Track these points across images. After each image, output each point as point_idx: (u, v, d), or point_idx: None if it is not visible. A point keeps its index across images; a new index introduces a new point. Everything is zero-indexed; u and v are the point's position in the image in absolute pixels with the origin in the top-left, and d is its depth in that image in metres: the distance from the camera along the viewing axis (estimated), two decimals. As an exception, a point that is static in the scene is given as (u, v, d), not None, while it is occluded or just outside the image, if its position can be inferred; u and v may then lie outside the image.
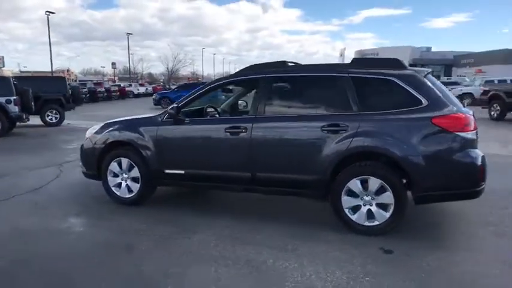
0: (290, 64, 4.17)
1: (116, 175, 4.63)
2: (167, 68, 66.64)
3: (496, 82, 20.13)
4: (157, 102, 23.38)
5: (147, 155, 4.39)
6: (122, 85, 38.96)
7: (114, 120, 4.92)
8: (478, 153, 3.44)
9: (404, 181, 3.58)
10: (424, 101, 3.50)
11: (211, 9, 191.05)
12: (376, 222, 3.62)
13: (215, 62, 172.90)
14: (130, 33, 58.63)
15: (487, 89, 15.35)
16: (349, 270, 3.00)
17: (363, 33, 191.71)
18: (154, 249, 3.42)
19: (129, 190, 4.58)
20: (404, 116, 3.52)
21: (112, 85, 37.62)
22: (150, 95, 41.43)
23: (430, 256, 3.23)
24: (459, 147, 3.39)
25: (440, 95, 3.54)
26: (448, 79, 31.66)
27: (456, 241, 3.60)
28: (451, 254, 3.29)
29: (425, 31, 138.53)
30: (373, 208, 3.62)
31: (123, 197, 4.61)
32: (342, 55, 77.51)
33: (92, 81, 39.66)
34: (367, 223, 3.65)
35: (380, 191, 3.57)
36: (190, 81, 55.29)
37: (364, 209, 3.65)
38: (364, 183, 3.61)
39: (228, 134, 4.03)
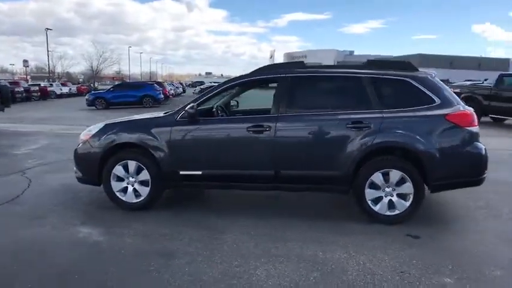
0: (309, 64, 4.31)
1: (120, 179, 4.35)
2: (91, 67, 62.49)
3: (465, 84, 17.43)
4: (90, 103, 21.86)
5: (160, 156, 4.20)
6: (42, 84, 35.63)
7: (117, 121, 4.62)
8: (482, 145, 3.90)
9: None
10: (437, 100, 3.88)
11: (134, 7, 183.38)
12: (397, 211, 3.91)
13: (140, 61, 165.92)
14: (50, 29, 53.94)
15: (458, 91, 13.74)
16: (394, 255, 3.23)
17: (288, 36, 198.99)
18: (196, 253, 3.30)
19: (137, 194, 4.34)
20: (421, 113, 3.86)
21: (31, 84, 34.24)
22: (74, 95, 38.72)
23: (450, 237, 3.61)
24: (468, 141, 3.82)
25: (448, 94, 3.96)
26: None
27: (463, 224, 4.04)
28: (464, 235, 3.71)
29: (345, 36, 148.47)
30: (394, 198, 3.91)
31: (129, 202, 4.35)
32: (272, 57, 79.52)
33: (5, 79, 35.61)
34: (388, 212, 3.92)
35: (400, 182, 3.86)
36: (123, 81, 52.66)
37: (385, 200, 3.92)
38: (386, 176, 3.88)
39: (251, 132, 4.04)
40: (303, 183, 4.10)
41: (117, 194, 4.37)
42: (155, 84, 25.35)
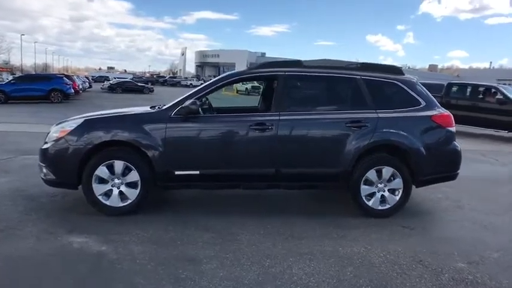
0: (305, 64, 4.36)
1: (103, 181, 3.91)
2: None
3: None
4: (-15, 96, 18.84)
5: (153, 155, 3.88)
6: None
7: (100, 116, 4.13)
8: (458, 144, 4.40)
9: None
10: (422, 102, 4.28)
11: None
12: (388, 206, 4.20)
13: (35, 51, 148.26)
14: None
15: None
16: (404, 246, 3.48)
17: (196, 34, 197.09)
18: (220, 257, 3.14)
19: (123, 198, 3.94)
20: (410, 114, 4.22)
21: None
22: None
23: (438, 227, 4.04)
24: (449, 139, 4.30)
25: (430, 98, 4.38)
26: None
27: (440, 215, 4.51)
28: (447, 224, 4.18)
29: (254, 38, 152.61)
30: (386, 193, 4.19)
31: (114, 206, 3.93)
32: (183, 54, 78.34)
33: None
34: (380, 207, 4.19)
35: (391, 178, 4.17)
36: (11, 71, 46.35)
37: (378, 195, 4.19)
38: (379, 172, 4.15)
39: (252, 130, 3.96)
40: (303, 181, 4.17)
41: (99, 197, 3.91)
42: (64, 77, 22.90)
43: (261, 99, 5.45)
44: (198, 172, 3.98)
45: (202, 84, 4.60)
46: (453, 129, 4.34)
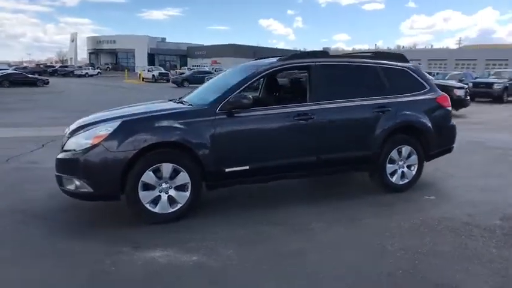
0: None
1: (150, 187, 3.61)
2: None
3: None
4: None
5: (204, 154, 3.70)
6: None
7: (139, 116, 3.73)
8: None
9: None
10: (427, 86, 4.82)
11: None
12: (407, 180, 4.69)
13: None
14: None
15: None
16: (440, 212, 3.99)
17: (79, 18, 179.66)
18: (314, 247, 3.23)
19: (172, 203, 3.70)
20: (421, 97, 4.73)
21: None
22: None
23: (451, 193, 4.71)
24: (449, 118, 4.95)
25: (431, 82, 4.95)
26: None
27: (443, 183, 5.16)
28: (455, 190, 4.86)
29: (145, 21, 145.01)
30: (405, 170, 4.67)
31: (163, 213, 3.68)
32: (73, 40, 70.75)
33: None
34: (400, 182, 4.66)
35: (409, 155, 4.65)
36: None
37: (399, 171, 4.64)
38: (399, 151, 4.59)
39: (296, 121, 4.04)
40: (340, 166, 4.40)
41: (147, 205, 3.61)
42: None
43: (264, 89, 5.45)
44: (247, 167, 3.92)
45: (230, 77, 4.43)
46: (450, 108, 4.99)
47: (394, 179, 4.60)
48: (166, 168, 3.62)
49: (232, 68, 5.42)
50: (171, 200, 3.70)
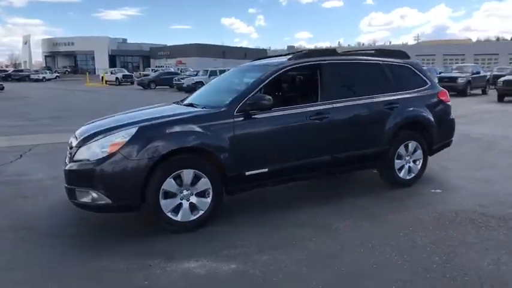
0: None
1: (171, 195, 3.46)
2: None
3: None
4: None
5: (225, 158, 3.60)
6: None
7: (156, 122, 3.57)
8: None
9: None
10: (428, 82, 4.96)
11: None
12: (413, 175, 4.81)
13: None
14: None
15: None
16: (454, 205, 4.11)
17: (29, 19, 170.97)
18: (348, 249, 3.22)
19: (193, 210, 3.57)
20: (424, 93, 4.85)
21: None
22: None
23: (456, 184, 4.87)
24: (449, 112, 5.12)
25: (432, 77, 5.09)
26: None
27: (443, 175, 5.33)
28: (458, 181, 5.02)
29: (102, 22, 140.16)
30: (411, 164, 4.78)
31: (185, 221, 3.54)
32: (26, 43, 66.95)
33: None
34: (407, 177, 4.77)
35: (415, 150, 4.76)
36: None
37: (406, 166, 4.75)
38: (406, 147, 4.69)
39: (313, 121, 4.02)
40: (353, 164, 4.42)
41: (169, 214, 3.45)
42: None
43: (273, 89, 5.36)
44: (266, 170, 3.85)
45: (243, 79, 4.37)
46: (450, 103, 5.16)
47: (401, 174, 4.70)
48: (188, 174, 3.48)
49: (234, 68, 5.35)
50: (193, 207, 3.56)
